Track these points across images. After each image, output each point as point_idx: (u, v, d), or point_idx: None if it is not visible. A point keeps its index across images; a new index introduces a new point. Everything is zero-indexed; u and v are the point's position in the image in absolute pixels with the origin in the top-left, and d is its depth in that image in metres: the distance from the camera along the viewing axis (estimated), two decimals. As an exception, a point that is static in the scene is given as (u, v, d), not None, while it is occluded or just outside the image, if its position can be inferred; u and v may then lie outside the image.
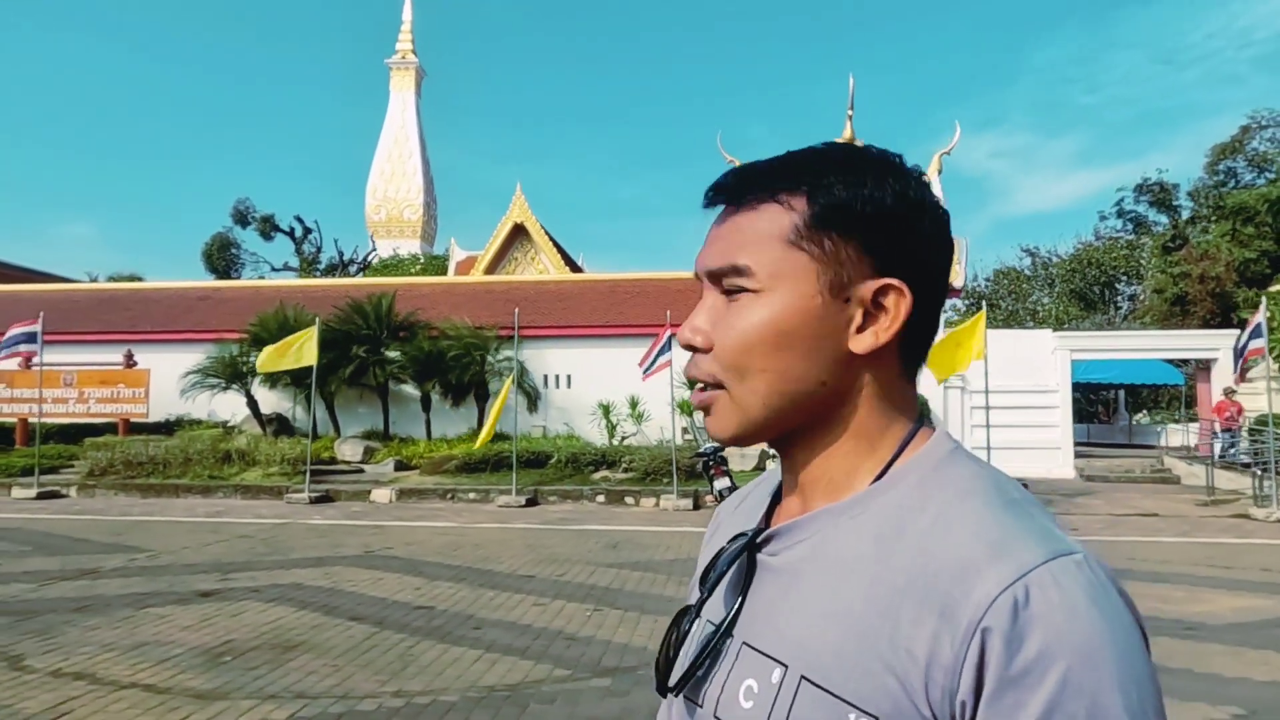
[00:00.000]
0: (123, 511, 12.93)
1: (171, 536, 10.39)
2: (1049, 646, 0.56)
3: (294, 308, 19.37)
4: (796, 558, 0.70)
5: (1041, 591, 0.58)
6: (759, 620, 0.71)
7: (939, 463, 0.69)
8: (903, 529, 0.65)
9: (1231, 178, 40.93)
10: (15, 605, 6.66)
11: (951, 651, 0.58)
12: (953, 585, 0.60)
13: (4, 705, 4.40)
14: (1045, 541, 0.61)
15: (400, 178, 55.79)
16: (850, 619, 0.63)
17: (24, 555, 8.98)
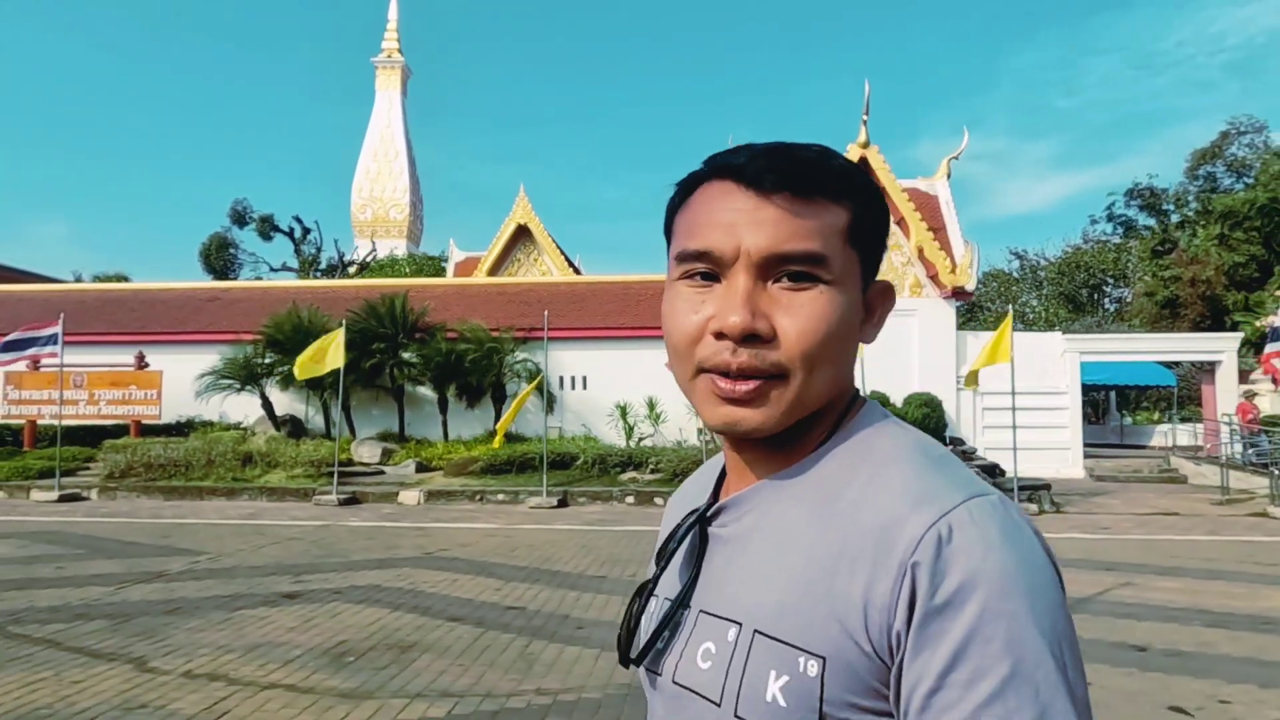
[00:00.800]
0: (153, 514, 12.86)
1: (219, 539, 10.37)
2: (969, 577, 0.61)
3: (308, 309, 19.29)
4: (744, 527, 0.75)
5: (961, 529, 0.63)
6: (713, 588, 0.75)
7: (870, 433, 0.74)
8: (838, 494, 0.71)
9: (1211, 182, 41.82)
10: (104, 608, 6.67)
11: (885, 590, 0.63)
12: (884, 535, 0.65)
13: (158, 706, 4.45)
14: (964, 486, 0.67)
15: (386, 177, 55.54)
16: (795, 576, 0.69)
17: (81, 558, 8.94)
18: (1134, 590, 7.52)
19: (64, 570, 8.28)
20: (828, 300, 0.71)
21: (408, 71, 60.11)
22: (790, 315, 0.70)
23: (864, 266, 0.74)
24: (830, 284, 0.71)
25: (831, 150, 0.75)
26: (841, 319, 0.71)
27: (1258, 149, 41.48)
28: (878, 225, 0.75)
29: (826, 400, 0.74)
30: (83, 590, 7.35)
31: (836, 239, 0.72)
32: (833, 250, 0.71)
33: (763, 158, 0.73)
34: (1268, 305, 26.63)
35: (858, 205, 0.73)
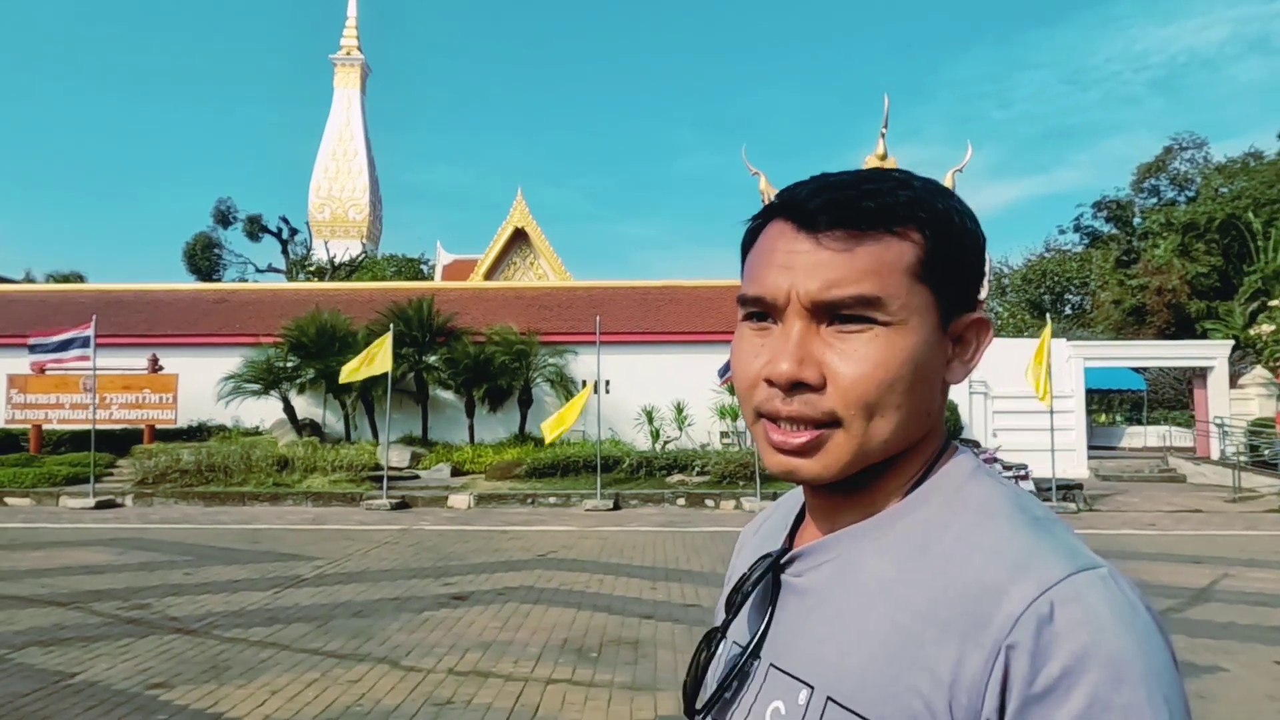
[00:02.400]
0: (212, 520, 12.69)
1: (314, 544, 10.34)
2: (1075, 662, 0.56)
3: (330, 312, 19.12)
4: (821, 579, 0.71)
5: (1065, 606, 0.58)
6: (785, 641, 0.71)
7: (962, 483, 0.69)
8: (926, 550, 0.66)
9: (1155, 194, 43.97)
10: (285, 612, 6.72)
11: (975, 671, 0.59)
12: (976, 605, 0.60)
13: (462, 701, 4.61)
14: (1069, 557, 0.61)
15: (345, 176, 54.59)
16: (875, 641, 0.64)
17: (196, 564, 8.88)
18: (1237, 581, 8.12)
19: (194, 576, 8.24)
20: (887, 342, 0.66)
21: (367, 69, 59.25)
22: (844, 361, 0.66)
23: (942, 300, 0.68)
24: (890, 325, 0.66)
25: (907, 177, 0.71)
26: (904, 361, 0.66)
27: (1198, 164, 43.86)
28: (958, 254, 0.69)
29: (899, 447, 0.69)
30: (239, 595, 7.35)
31: (899, 276, 0.67)
32: (893, 289, 0.66)
33: (823, 193, 0.69)
34: (1236, 315, 28.19)
35: (930, 236, 0.68)
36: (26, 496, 14.96)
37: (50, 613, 6.66)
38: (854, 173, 0.71)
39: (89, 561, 9.02)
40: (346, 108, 57.23)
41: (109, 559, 9.21)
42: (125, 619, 6.49)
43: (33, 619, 6.46)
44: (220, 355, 19.94)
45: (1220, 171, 42.32)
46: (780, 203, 0.72)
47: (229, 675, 5.07)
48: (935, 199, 0.70)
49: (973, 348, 0.71)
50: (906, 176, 0.71)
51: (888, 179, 0.70)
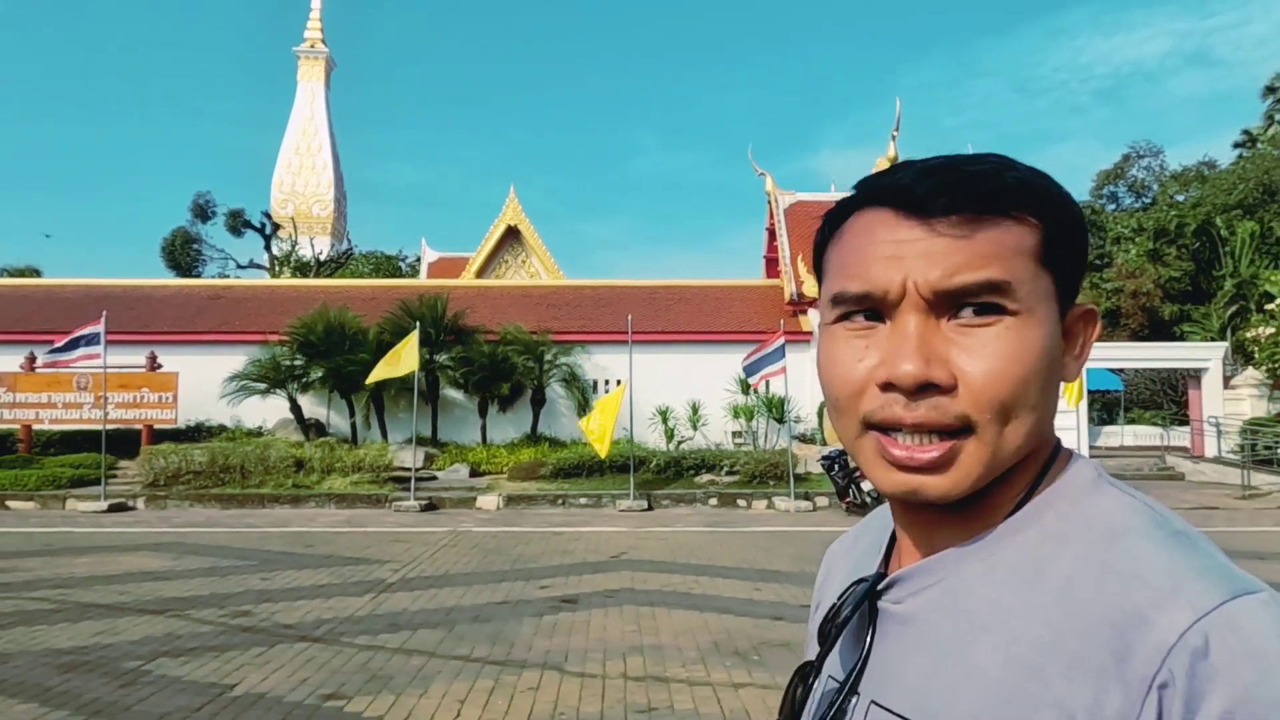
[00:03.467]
0: (238, 522, 12.29)
1: (367, 547, 10.07)
2: (1238, 703, 0.50)
3: (338, 309, 18.68)
4: (923, 606, 0.65)
5: (1223, 638, 0.51)
6: (886, 676, 0.65)
7: (1080, 494, 0.62)
8: (1043, 573, 0.59)
9: (1114, 201, 45.36)
10: (409, 617, 6.51)
11: (1117, 711, 0.52)
12: (1114, 637, 0.54)
13: (664, 707, 4.49)
14: (1223, 580, 0.54)
15: (309, 171, 53.44)
16: (991, 675, 0.58)
17: (267, 569, 8.56)
18: (1311, 576, 8.34)
19: (272, 581, 7.95)
20: (1018, 334, 0.60)
21: (332, 63, 58.20)
22: (974, 357, 0.59)
23: (1060, 289, 0.63)
24: (1019, 314, 0.60)
25: (1009, 160, 0.65)
26: (1038, 355, 0.60)
27: (1154, 171, 45.38)
28: (1074, 240, 0.64)
29: (1026, 454, 0.62)
30: (336, 600, 7.11)
31: (1024, 261, 0.61)
32: (1020, 274, 0.60)
33: (928, 176, 0.63)
34: (1214, 318, 29.11)
35: (1049, 219, 0.62)
36: (31, 500, 14.34)
37: (153, 621, 6.36)
38: (951, 157, 0.65)
39: (148, 567, 8.65)
40: (310, 101, 56.00)
41: (167, 564, 8.84)
42: (238, 627, 6.22)
43: (139, 628, 6.15)
44: (218, 353, 19.37)
45: (1176, 179, 43.79)
46: (873, 190, 0.65)
47: (398, 685, 4.88)
48: (1046, 181, 0.64)
49: (1080, 341, 0.65)
50: (1007, 161, 0.65)
51: (990, 162, 0.64)
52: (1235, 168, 39.28)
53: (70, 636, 5.91)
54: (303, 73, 56.69)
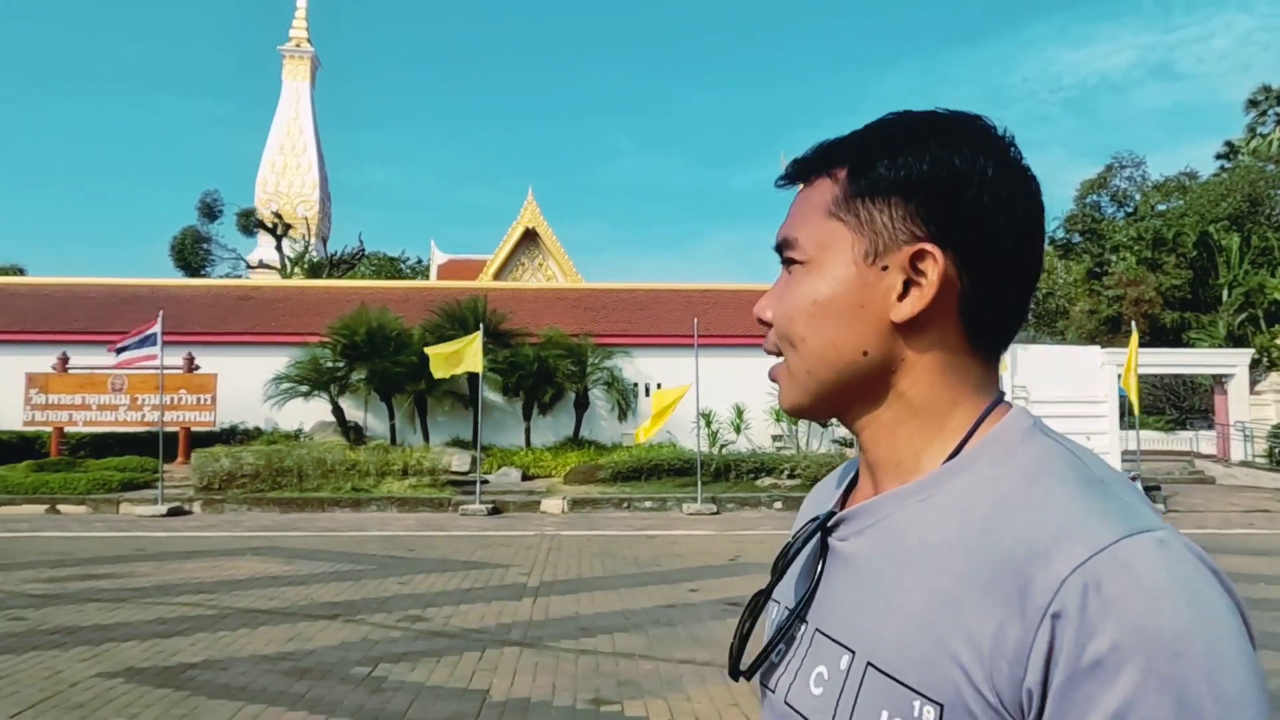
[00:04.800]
0: (311, 525, 12.08)
1: (473, 551, 9.95)
2: (1126, 635, 0.52)
3: (378, 311, 18.45)
4: (864, 542, 0.69)
5: (1116, 572, 0.53)
6: (830, 606, 0.70)
7: (1014, 441, 0.65)
8: (970, 513, 0.62)
9: (1097, 210, 46.25)
10: (593, 621, 6.45)
11: (1017, 639, 0.55)
12: (1019, 570, 0.56)
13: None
14: (1123, 518, 0.56)
15: (294, 171, 52.65)
16: (915, 606, 0.62)
17: (398, 573, 8.42)
18: None
19: (410, 586, 7.82)
20: (796, 280, 0.70)
21: (317, 62, 57.52)
22: (778, 299, 0.72)
23: (864, 235, 0.67)
24: (804, 264, 0.69)
25: (886, 118, 0.71)
26: (806, 295, 0.68)
27: (1136, 181, 46.34)
28: (892, 187, 0.66)
29: (831, 382, 0.69)
30: (498, 605, 7.01)
31: (815, 214, 0.69)
32: (806, 229, 0.70)
33: (806, 152, 0.73)
34: (1220, 325, 29.75)
35: (849, 171, 0.68)
36: (83, 504, 13.97)
37: (333, 627, 6.22)
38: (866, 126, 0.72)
39: (269, 572, 8.47)
40: (295, 101, 55.17)
41: (285, 569, 8.66)
42: (425, 631, 6.11)
43: (327, 634, 6.02)
44: (252, 354, 19.07)
45: (1158, 189, 44.76)
46: None
47: (652, 689, 4.82)
48: (885, 138, 0.68)
49: (913, 283, 0.66)
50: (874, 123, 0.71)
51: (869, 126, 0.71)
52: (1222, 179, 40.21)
53: (266, 642, 5.77)
54: (288, 72, 55.90)
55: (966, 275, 0.66)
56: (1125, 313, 35.10)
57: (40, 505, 13.84)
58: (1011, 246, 0.66)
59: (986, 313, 0.67)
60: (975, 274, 0.66)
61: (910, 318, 0.66)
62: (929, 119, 0.69)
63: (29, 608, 6.76)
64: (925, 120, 0.69)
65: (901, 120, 0.70)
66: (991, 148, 0.67)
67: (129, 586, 7.67)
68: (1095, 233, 41.00)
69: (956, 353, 0.68)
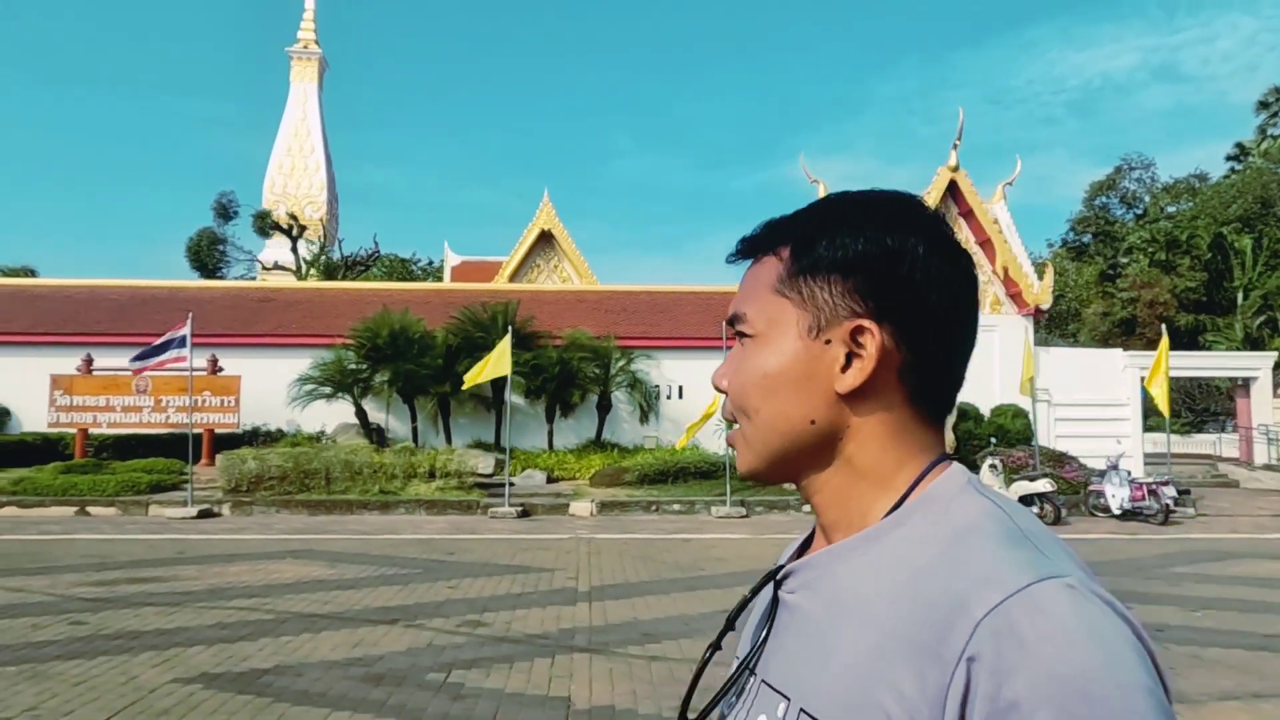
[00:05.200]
0: (342, 528, 12.07)
1: (512, 555, 9.93)
2: (1039, 678, 0.54)
3: (400, 313, 18.43)
4: (808, 596, 0.72)
5: (1028, 616, 0.56)
6: (775, 657, 0.72)
7: (948, 499, 0.68)
8: (902, 567, 0.65)
9: (1106, 212, 46.13)
10: (667, 625, 6.41)
11: (935, 683, 0.58)
12: (939, 619, 0.59)
13: None
14: (1034, 567, 0.59)
15: (301, 173, 52.67)
16: (848, 656, 0.64)
17: (448, 577, 8.39)
18: None
19: (463, 590, 7.80)
20: (747, 353, 0.74)
21: (324, 64, 57.59)
22: (734, 369, 0.75)
23: (808, 311, 0.71)
24: (754, 337, 0.74)
25: (825, 200, 0.76)
26: (755, 368, 0.72)
27: (1145, 183, 46.22)
28: (831, 267, 0.71)
29: (782, 450, 0.72)
30: (555, 610, 6.99)
31: (763, 292, 0.74)
32: (755, 306, 0.74)
33: (755, 229, 0.78)
34: (1238, 328, 29.67)
35: (792, 252, 0.73)
36: (112, 506, 13.98)
37: (395, 632, 6.19)
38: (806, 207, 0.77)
39: (315, 575, 8.45)
40: (303, 102, 55.19)
41: (329, 572, 8.64)
42: (489, 636, 6.08)
43: (391, 639, 5.99)
44: (274, 356, 19.05)
45: (1168, 191, 44.69)
46: None
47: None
48: (807, 217, 0.75)
49: (855, 357, 0.70)
50: (818, 201, 0.76)
51: (806, 207, 0.76)
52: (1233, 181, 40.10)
53: (332, 647, 5.75)
54: (295, 73, 55.91)
55: (905, 346, 0.69)
56: (1139, 315, 35.06)
57: (70, 507, 13.85)
58: (945, 318, 0.70)
59: (926, 380, 0.71)
60: (912, 344, 0.70)
61: (854, 388, 0.69)
62: (865, 200, 0.73)
63: (85, 611, 6.75)
64: (861, 201, 0.73)
65: (840, 202, 0.74)
66: (922, 227, 0.71)
67: (179, 590, 7.66)
68: (1108, 234, 40.92)
69: (900, 417, 0.71)
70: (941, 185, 19.73)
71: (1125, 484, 13.82)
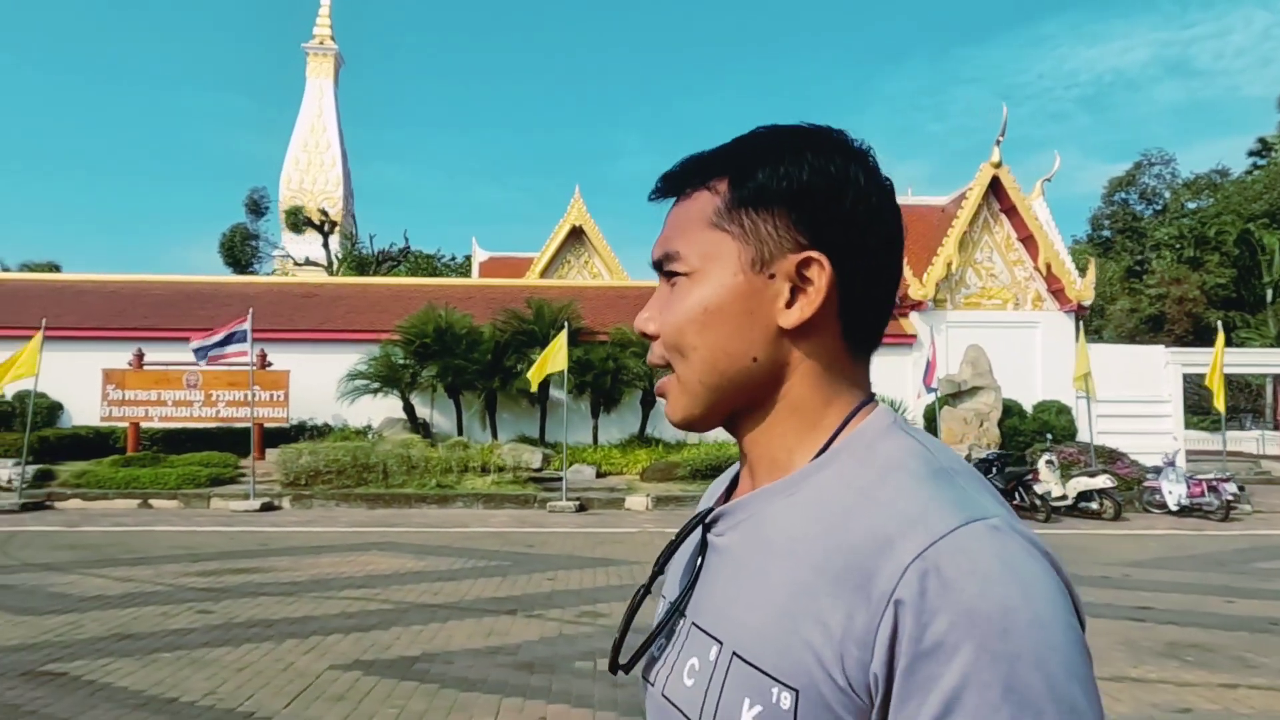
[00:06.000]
0: (405, 521, 12.17)
1: (585, 549, 10.01)
2: (961, 616, 0.55)
3: (445, 309, 18.53)
4: (736, 538, 0.71)
5: (952, 558, 0.57)
6: (705, 600, 0.72)
7: (873, 438, 0.68)
8: (829, 506, 0.65)
9: (1126, 208, 45.94)
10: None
11: (864, 625, 0.58)
12: (866, 559, 0.60)
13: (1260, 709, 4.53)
14: (961, 508, 0.60)
15: (317, 169, 52.81)
16: (774, 596, 0.64)
17: (542, 569, 8.49)
18: None
19: (562, 583, 7.89)
20: (682, 291, 0.71)
21: (340, 60, 57.66)
22: (664, 311, 0.72)
23: (750, 245, 0.69)
24: (689, 275, 0.71)
25: (755, 131, 0.74)
26: (694, 306, 0.70)
27: (1165, 179, 46.00)
28: (770, 199, 0.69)
29: (723, 390, 0.71)
30: (657, 602, 7.05)
31: (698, 227, 0.71)
32: (689, 242, 0.71)
33: (675, 165, 0.75)
34: (1270, 324, 29.58)
35: (731, 184, 0.70)
36: (174, 499, 14.11)
37: (519, 622, 6.28)
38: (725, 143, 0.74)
39: (408, 567, 8.54)
40: (319, 98, 55.35)
41: (420, 564, 8.73)
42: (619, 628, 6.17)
43: (520, 630, 6.08)
44: (319, 352, 19.16)
45: (1188, 187, 44.48)
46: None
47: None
48: (750, 150, 0.71)
49: (814, 288, 0.69)
50: (743, 135, 0.74)
51: (735, 141, 0.74)
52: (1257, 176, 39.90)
53: (468, 636, 5.84)
54: (311, 69, 56.03)
55: (842, 281, 0.69)
56: (1169, 312, 34.98)
57: (133, 500, 13.99)
58: (880, 252, 0.70)
59: (859, 316, 0.71)
60: (850, 280, 0.69)
61: (798, 324, 0.68)
62: (800, 131, 0.72)
63: (205, 601, 6.85)
64: (797, 132, 0.72)
65: (774, 133, 0.72)
66: (859, 157, 0.71)
67: (284, 581, 7.76)
68: (1135, 230, 40.77)
69: (835, 355, 0.71)
70: (984, 181, 19.72)
71: (1182, 480, 13.85)
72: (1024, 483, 12.94)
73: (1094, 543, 10.91)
